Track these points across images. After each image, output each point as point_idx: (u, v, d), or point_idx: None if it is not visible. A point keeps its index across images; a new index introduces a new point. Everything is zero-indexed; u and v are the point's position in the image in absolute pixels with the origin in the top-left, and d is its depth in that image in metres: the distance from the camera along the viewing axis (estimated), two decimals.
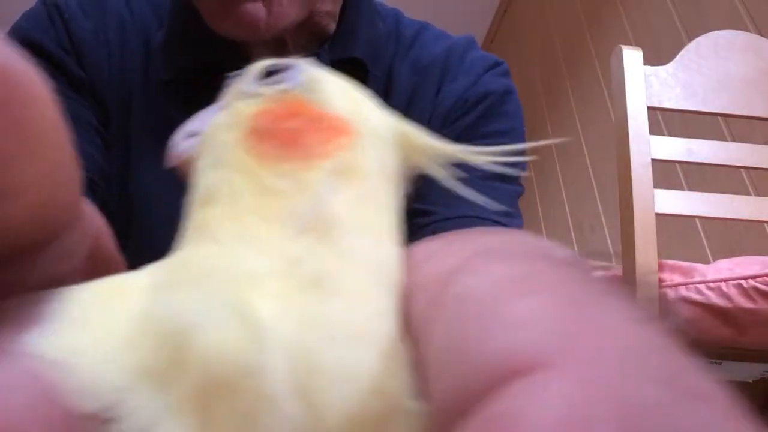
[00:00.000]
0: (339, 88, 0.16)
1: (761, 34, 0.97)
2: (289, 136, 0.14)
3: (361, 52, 0.56)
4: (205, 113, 0.17)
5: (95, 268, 0.12)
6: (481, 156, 0.17)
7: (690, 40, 0.86)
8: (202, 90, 0.57)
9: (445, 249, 0.11)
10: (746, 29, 1.09)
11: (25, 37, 0.53)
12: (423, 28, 0.63)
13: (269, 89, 0.15)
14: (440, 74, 0.59)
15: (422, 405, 0.10)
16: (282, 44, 0.54)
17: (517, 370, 0.07)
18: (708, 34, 0.86)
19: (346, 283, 0.11)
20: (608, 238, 1.56)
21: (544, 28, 2.08)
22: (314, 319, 0.10)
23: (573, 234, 1.75)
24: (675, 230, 1.23)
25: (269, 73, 0.16)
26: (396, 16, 0.63)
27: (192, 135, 0.16)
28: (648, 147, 0.77)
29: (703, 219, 0.96)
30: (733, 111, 0.83)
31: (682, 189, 1.08)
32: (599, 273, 0.09)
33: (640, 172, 0.75)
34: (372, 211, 0.13)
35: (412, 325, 0.11)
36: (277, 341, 0.10)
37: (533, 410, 0.07)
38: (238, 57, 0.53)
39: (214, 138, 0.15)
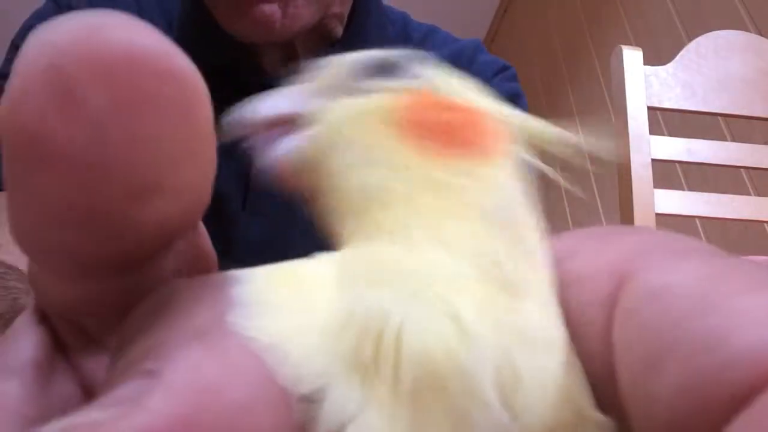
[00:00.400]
0: (456, 82, 0.15)
1: (761, 34, 0.97)
2: (449, 129, 0.13)
3: None
4: (279, 94, 0.15)
5: (196, 258, 0.13)
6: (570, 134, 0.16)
7: (690, 40, 0.86)
8: (211, 90, 0.56)
9: (590, 244, 0.11)
10: (746, 29, 1.09)
11: None
12: (431, 31, 0.63)
13: (397, 83, 0.14)
14: None
15: (606, 416, 0.10)
16: (290, 47, 0.54)
17: None
18: (708, 34, 0.86)
19: (535, 287, 0.11)
20: None
21: (544, 28, 2.08)
22: (512, 323, 0.10)
23: None
24: (675, 230, 1.23)
25: (377, 67, 0.15)
26: (404, 20, 0.63)
27: (276, 123, 0.15)
28: (648, 147, 0.77)
29: (703, 219, 0.96)
30: (733, 111, 0.83)
31: (682, 189, 1.08)
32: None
33: (640, 172, 0.75)
34: (530, 206, 0.13)
35: (576, 322, 0.10)
36: (485, 346, 0.10)
37: None
38: (247, 59, 0.54)
39: (351, 134, 0.13)
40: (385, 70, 0.15)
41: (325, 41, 0.56)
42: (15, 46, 0.53)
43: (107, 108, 0.08)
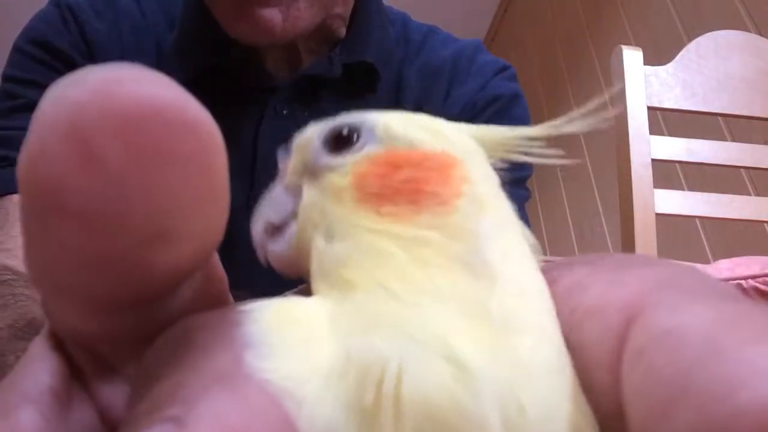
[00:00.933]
0: (412, 124, 0.15)
1: (761, 34, 0.97)
2: (409, 186, 0.13)
3: (372, 55, 0.56)
4: (267, 203, 0.17)
5: (215, 294, 0.13)
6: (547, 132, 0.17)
7: (690, 40, 0.86)
8: (212, 91, 0.57)
9: (601, 276, 0.11)
10: (746, 29, 1.09)
11: (38, 38, 0.53)
12: (431, 32, 0.63)
13: (352, 157, 0.15)
14: (449, 78, 0.59)
15: None
16: (293, 48, 0.54)
17: None
18: (708, 34, 0.86)
19: (530, 320, 0.11)
20: (608, 238, 1.56)
21: (544, 28, 2.08)
22: (511, 359, 0.10)
23: (573, 235, 1.75)
24: (675, 230, 1.23)
25: (338, 141, 0.15)
26: (404, 20, 0.63)
27: (270, 228, 0.16)
28: (648, 147, 0.77)
29: (703, 219, 0.96)
30: (733, 111, 0.83)
31: (682, 189, 1.08)
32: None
33: (640, 172, 0.75)
34: (514, 234, 0.14)
35: (584, 358, 0.11)
36: (486, 383, 0.10)
37: None
38: (250, 60, 0.54)
39: (321, 217, 0.14)
40: (344, 140, 0.15)
41: (328, 42, 0.56)
42: (16, 49, 0.54)
43: (125, 163, 0.09)
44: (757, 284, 0.68)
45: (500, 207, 0.14)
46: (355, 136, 0.15)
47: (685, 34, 1.33)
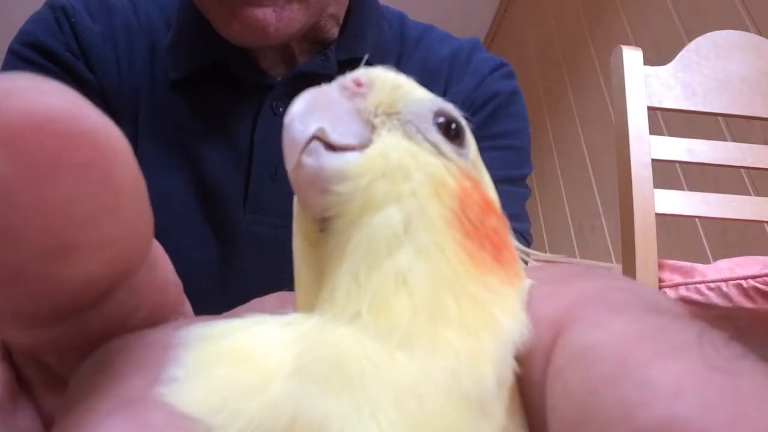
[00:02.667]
0: (478, 160, 0.14)
1: (761, 34, 0.97)
2: (494, 240, 0.12)
3: (367, 53, 0.56)
4: (328, 111, 0.13)
5: (161, 301, 0.13)
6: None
7: (690, 40, 0.86)
8: (208, 90, 0.57)
9: (540, 290, 0.11)
10: (746, 29, 1.09)
11: (33, 41, 0.53)
12: (428, 30, 0.63)
13: (458, 158, 0.13)
14: (446, 76, 0.59)
15: None
16: (287, 47, 0.54)
17: None
18: (708, 34, 0.86)
19: (503, 415, 0.10)
20: (608, 238, 1.56)
21: (544, 28, 2.08)
22: None
23: (573, 234, 1.75)
24: (675, 230, 1.23)
25: (447, 128, 0.13)
26: (401, 19, 0.63)
27: (318, 132, 0.13)
28: (648, 147, 0.77)
29: (703, 219, 0.95)
30: (733, 111, 0.83)
31: (682, 189, 1.08)
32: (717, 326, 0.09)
33: (640, 172, 0.75)
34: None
35: (521, 361, 0.11)
36: None
37: None
38: (244, 58, 0.54)
39: (401, 189, 0.12)
40: (447, 127, 0.13)
41: (321, 42, 0.56)
42: (11, 52, 0.54)
43: (14, 175, 0.08)
44: (757, 284, 0.68)
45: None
46: (460, 137, 0.13)
47: (685, 34, 1.33)
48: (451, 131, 0.13)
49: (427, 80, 0.68)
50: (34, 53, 0.53)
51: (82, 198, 0.09)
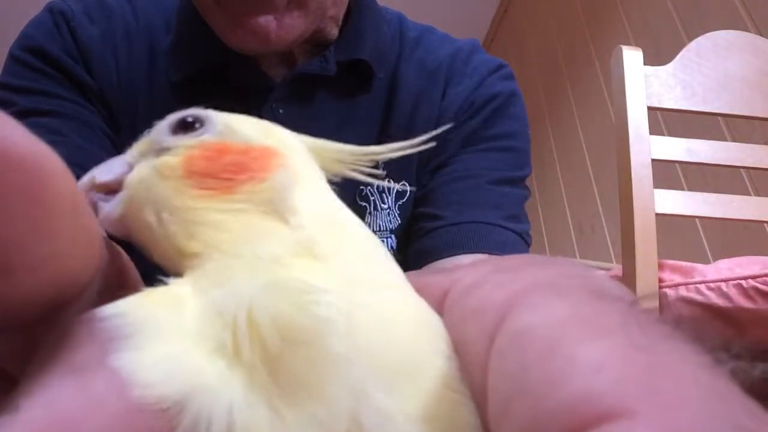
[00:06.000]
0: (250, 124, 0.17)
1: (761, 34, 0.97)
2: (231, 168, 0.15)
3: (366, 54, 0.56)
4: (103, 167, 0.18)
5: (119, 288, 0.14)
6: (388, 152, 0.19)
7: (690, 40, 0.86)
8: (208, 92, 0.57)
9: (496, 277, 0.11)
10: (746, 29, 1.09)
11: (32, 45, 0.53)
12: (427, 31, 0.63)
13: (190, 140, 0.16)
14: (446, 78, 0.59)
15: None
16: (287, 50, 0.54)
17: (600, 416, 0.08)
18: (708, 34, 0.86)
19: (344, 244, 0.14)
20: (608, 238, 1.56)
21: (544, 28, 2.08)
22: (356, 279, 0.12)
23: (573, 234, 1.75)
24: (675, 230, 1.23)
25: (183, 126, 0.17)
26: (400, 20, 0.63)
27: (100, 187, 0.17)
28: (648, 147, 0.77)
29: (703, 219, 0.96)
30: (733, 111, 0.83)
31: (682, 189, 1.08)
32: (650, 309, 0.09)
33: (640, 172, 0.75)
34: (334, 203, 0.16)
35: (464, 355, 0.11)
36: (328, 294, 0.11)
37: None
38: (245, 60, 0.54)
39: (147, 192, 0.16)
40: (186, 125, 0.17)
41: (321, 44, 0.56)
42: (11, 57, 0.54)
43: None
44: (757, 284, 0.68)
45: (317, 186, 0.16)
46: (197, 124, 0.17)
47: (685, 34, 1.33)
48: (184, 126, 0.17)
49: (426, 82, 0.68)
50: (33, 57, 0.53)
51: (13, 221, 0.09)
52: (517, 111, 0.60)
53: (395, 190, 0.57)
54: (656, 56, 0.87)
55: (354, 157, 0.18)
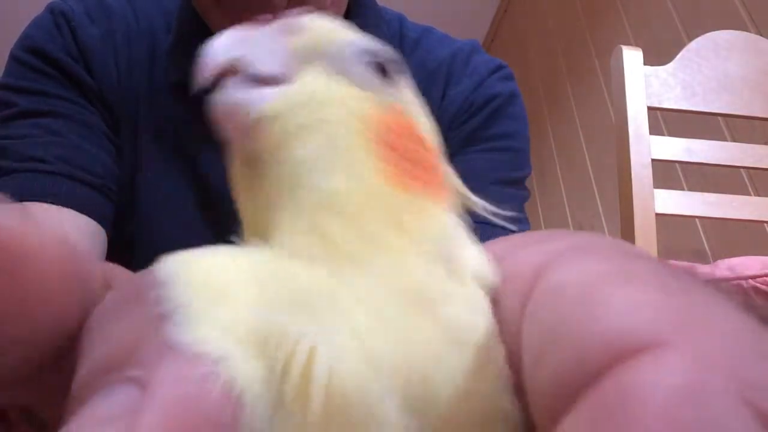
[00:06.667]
0: (416, 103, 0.15)
1: (761, 34, 0.97)
2: (415, 163, 0.13)
3: None
4: (251, 41, 0.14)
5: None
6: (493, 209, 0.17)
7: (690, 40, 0.86)
8: (207, 91, 0.57)
9: (526, 246, 0.12)
10: (746, 29, 1.09)
11: (33, 46, 0.53)
12: (427, 31, 0.63)
13: (383, 90, 0.13)
14: (445, 78, 0.59)
15: (517, 403, 0.10)
16: None
17: (634, 349, 0.08)
18: (708, 34, 0.86)
19: (459, 298, 0.11)
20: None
21: (544, 28, 2.08)
22: (420, 335, 0.10)
23: None
24: (675, 230, 1.23)
25: (381, 69, 0.14)
26: (400, 20, 0.63)
27: (243, 75, 0.13)
28: (648, 147, 0.77)
29: (703, 219, 0.96)
30: (733, 111, 0.83)
31: (682, 189, 1.08)
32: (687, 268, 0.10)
33: (640, 172, 0.75)
34: (466, 243, 0.13)
35: (503, 319, 0.11)
36: (384, 363, 0.10)
37: (658, 380, 0.07)
38: None
39: (325, 121, 0.12)
40: (378, 67, 0.14)
41: None
42: (12, 57, 0.54)
43: None
44: (757, 284, 0.68)
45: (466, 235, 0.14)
46: (394, 74, 0.14)
47: (685, 34, 1.33)
48: (378, 69, 0.14)
49: (426, 83, 0.68)
50: (34, 58, 0.53)
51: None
52: (516, 111, 0.60)
53: None
54: (656, 56, 0.87)
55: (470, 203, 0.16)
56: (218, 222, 0.55)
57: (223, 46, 0.14)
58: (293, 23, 0.15)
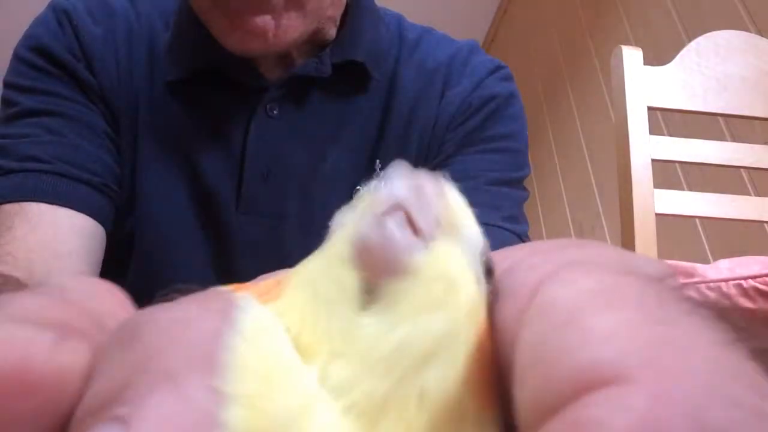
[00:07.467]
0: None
1: (761, 34, 0.97)
2: (489, 382, 0.12)
3: (362, 55, 0.56)
4: (419, 196, 0.13)
5: None
6: None
7: (690, 40, 0.86)
8: (204, 92, 0.57)
9: (530, 259, 0.12)
10: (746, 29, 1.09)
11: (36, 44, 0.53)
12: (426, 32, 0.63)
13: (482, 301, 0.12)
14: (444, 79, 0.59)
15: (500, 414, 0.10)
16: (285, 51, 0.54)
17: (599, 381, 0.08)
18: (708, 34, 0.86)
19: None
20: (608, 238, 1.56)
21: (544, 28, 2.08)
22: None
23: (573, 234, 1.75)
24: (675, 230, 1.23)
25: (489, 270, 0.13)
26: (399, 21, 0.63)
27: (398, 216, 0.12)
28: (648, 147, 0.77)
29: (703, 219, 0.96)
30: (733, 111, 0.83)
31: (682, 189, 1.08)
32: (685, 291, 0.10)
33: (640, 172, 0.75)
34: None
35: (499, 331, 0.11)
36: None
37: (610, 419, 0.07)
38: (242, 60, 0.54)
39: (455, 306, 0.12)
40: (487, 270, 0.13)
41: (320, 43, 0.56)
42: (15, 56, 0.54)
43: None
44: (757, 284, 0.68)
45: None
46: (490, 282, 0.13)
47: (685, 34, 1.33)
48: (487, 271, 0.13)
49: (424, 83, 0.68)
50: (37, 57, 0.53)
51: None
52: (515, 112, 0.60)
53: None
54: (656, 56, 0.87)
55: None
56: (210, 218, 0.55)
57: (403, 187, 0.13)
58: (438, 184, 0.14)
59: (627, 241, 0.74)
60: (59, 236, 0.48)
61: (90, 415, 0.09)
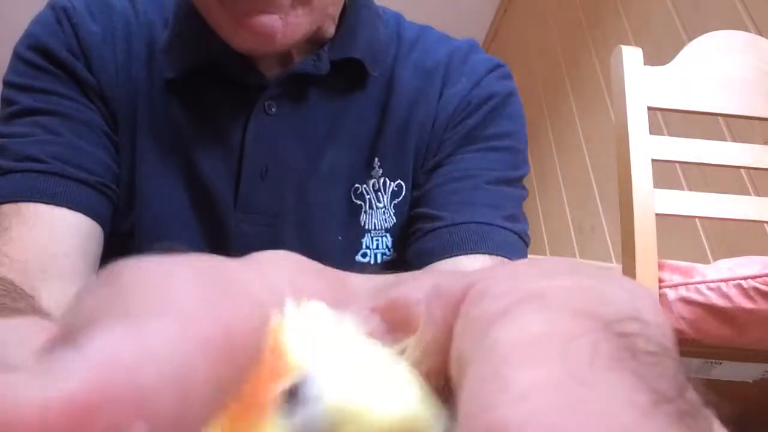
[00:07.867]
0: None
1: (761, 34, 0.97)
2: None
3: (360, 53, 0.56)
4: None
5: None
6: None
7: (690, 40, 0.86)
8: (203, 89, 0.57)
9: (500, 286, 0.11)
10: (746, 29, 1.09)
11: (35, 43, 0.53)
12: (424, 30, 0.63)
13: None
14: (443, 78, 0.59)
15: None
16: (287, 50, 0.54)
17: None
18: (708, 34, 0.86)
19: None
20: (608, 238, 1.56)
21: (544, 28, 2.08)
22: None
23: (573, 234, 1.75)
24: (675, 230, 1.23)
25: None
26: (397, 19, 0.63)
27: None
28: (648, 147, 0.77)
29: (703, 219, 0.96)
30: (733, 111, 0.83)
31: (682, 189, 1.08)
32: (633, 333, 0.09)
33: (640, 172, 0.75)
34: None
35: (459, 367, 0.11)
36: None
37: None
38: (241, 57, 0.54)
39: None
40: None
41: (318, 41, 0.56)
42: (15, 55, 0.54)
43: None
44: (757, 284, 0.68)
45: None
46: None
47: (685, 34, 1.33)
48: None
49: (423, 82, 0.67)
50: (36, 55, 0.53)
51: None
52: (514, 110, 0.59)
53: (391, 189, 0.57)
54: (656, 56, 0.87)
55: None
56: (208, 216, 0.55)
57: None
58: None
59: (627, 241, 0.74)
60: (56, 237, 0.48)
61: (56, 343, 0.09)
